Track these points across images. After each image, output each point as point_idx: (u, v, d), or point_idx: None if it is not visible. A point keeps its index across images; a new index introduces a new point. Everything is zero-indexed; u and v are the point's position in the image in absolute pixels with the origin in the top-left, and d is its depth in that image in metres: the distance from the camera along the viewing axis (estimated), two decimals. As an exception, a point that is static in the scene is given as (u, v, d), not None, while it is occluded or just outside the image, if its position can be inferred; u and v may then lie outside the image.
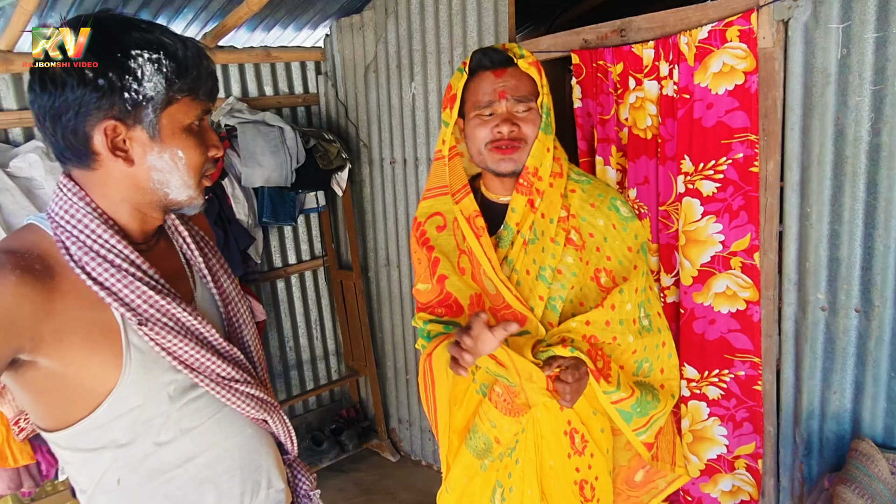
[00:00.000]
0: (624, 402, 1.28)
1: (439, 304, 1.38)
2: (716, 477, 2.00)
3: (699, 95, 1.80)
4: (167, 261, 1.01)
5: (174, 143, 0.88)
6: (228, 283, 1.10)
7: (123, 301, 0.88)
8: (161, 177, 0.89)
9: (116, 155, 0.86)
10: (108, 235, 0.88)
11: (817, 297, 1.75)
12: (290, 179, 2.76)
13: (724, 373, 1.93)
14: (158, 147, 0.87)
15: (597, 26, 2.08)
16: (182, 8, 2.56)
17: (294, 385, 3.38)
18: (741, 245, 1.83)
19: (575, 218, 1.32)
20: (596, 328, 1.27)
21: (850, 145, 1.62)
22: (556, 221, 1.30)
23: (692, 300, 1.91)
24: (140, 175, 0.88)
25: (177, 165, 0.89)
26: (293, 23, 3.03)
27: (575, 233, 1.32)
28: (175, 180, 0.90)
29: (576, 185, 1.35)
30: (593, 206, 1.33)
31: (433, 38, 2.67)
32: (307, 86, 3.21)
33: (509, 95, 1.26)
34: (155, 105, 0.85)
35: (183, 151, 0.89)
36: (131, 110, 0.84)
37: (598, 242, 1.32)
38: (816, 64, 1.64)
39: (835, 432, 1.78)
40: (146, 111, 0.85)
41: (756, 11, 1.69)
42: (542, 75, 1.29)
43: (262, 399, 1.04)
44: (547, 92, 1.29)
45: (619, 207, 1.35)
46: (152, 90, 0.84)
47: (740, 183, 1.80)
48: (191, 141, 0.89)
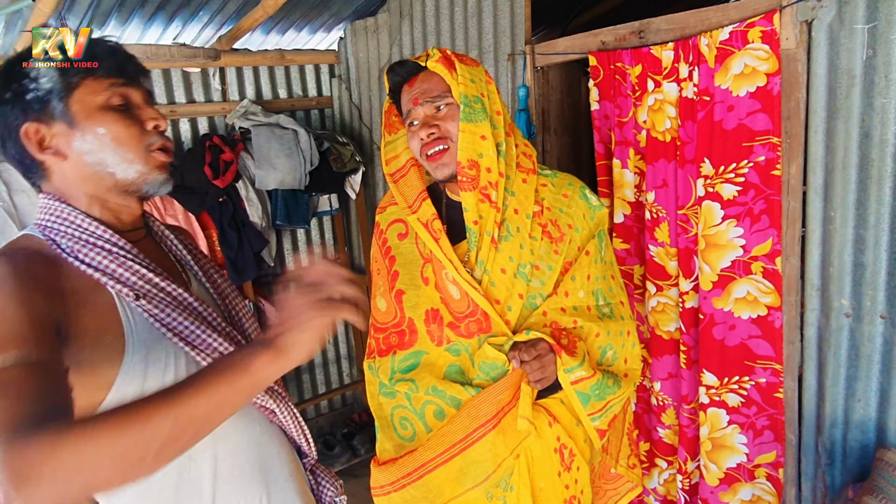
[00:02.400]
0: (584, 383, 1.24)
1: (394, 328, 1.32)
2: (735, 486, 1.97)
3: (720, 97, 1.77)
4: (157, 258, 1.03)
5: (92, 123, 0.90)
6: (222, 281, 1.12)
7: (118, 279, 0.90)
8: (94, 158, 0.92)
9: (46, 153, 0.91)
10: (93, 227, 0.92)
11: (841, 303, 1.71)
12: (304, 182, 2.76)
13: (744, 380, 1.89)
14: (79, 132, 0.90)
15: (615, 28, 2.06)
16: (197, 11, 2.56)
17: (306, 389, 3.37)
18: (762, 249, 1.80)
19: (550, 211, 1.32)
20: (554, 315, 1.27)
21: (876, 148, 1.58)
22: (531, 216, 1.29)
23: (712, 305, 1.88)
24: (77, 165, 0.92)
25: (103, 142, 0.91)
26: (307, 26, 3.04)
27: (552, 225, 1.31)
28: (111, 157, 0.92)
29: (546, 180, 1.37)
30: (566, 197, 1.35)
31: (448, 41, 2.66)
32: (321, 89, 3.21)
33: (422, 100, 1.25)
34: (57, 94, 0.89)
35: (105, 128, 0.91)
36: (41, 109, 0.89)
37: (572, 235, 1.32)
38: (841, 65, 1.61)
39: (859, 441, 1.74)
40: (52, 104, 0.89)
41: (779, 12, 1.66)
42: (451, 68, 1.24)
43: (269, 386, 1.01)
44: (462, 81, 1.23)
45: (589, 197, 1.38)
46: (49, 82, 0.89)
47: (762, 186, 1.77)
48: (110, 116, 0.92)
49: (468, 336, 1.26)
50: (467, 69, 1.26)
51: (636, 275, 2.19)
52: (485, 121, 1.23)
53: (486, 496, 1.26)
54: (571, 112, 2.67)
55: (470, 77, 1.24)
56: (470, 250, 1.28)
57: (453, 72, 1.24)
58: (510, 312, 1.25)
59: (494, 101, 1.29)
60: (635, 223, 2.15)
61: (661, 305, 2.08)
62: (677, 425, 2.14)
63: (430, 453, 1.21)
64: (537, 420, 1.25)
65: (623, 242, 2.19)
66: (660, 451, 2.22)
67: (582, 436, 1.35)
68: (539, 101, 2.42)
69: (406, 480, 1.24)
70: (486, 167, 1.24)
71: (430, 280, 1.30)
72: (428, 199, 1.33)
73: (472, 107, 1.22)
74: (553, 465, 1.29)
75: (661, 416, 2.17)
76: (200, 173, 2.52)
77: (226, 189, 2.59)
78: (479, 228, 1.26)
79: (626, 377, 1.36)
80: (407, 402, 1.29)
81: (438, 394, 1.24)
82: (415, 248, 1.33)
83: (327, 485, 1.15)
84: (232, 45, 2.76)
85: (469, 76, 1.24)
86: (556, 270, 1.28)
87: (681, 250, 1.97)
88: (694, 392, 2.04)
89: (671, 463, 2.21)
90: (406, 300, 1.30)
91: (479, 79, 1.27)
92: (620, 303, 1.39)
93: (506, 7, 2.43)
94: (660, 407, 2.16)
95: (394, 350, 1.32)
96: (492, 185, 1.25)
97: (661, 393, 2.15)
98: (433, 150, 1.25)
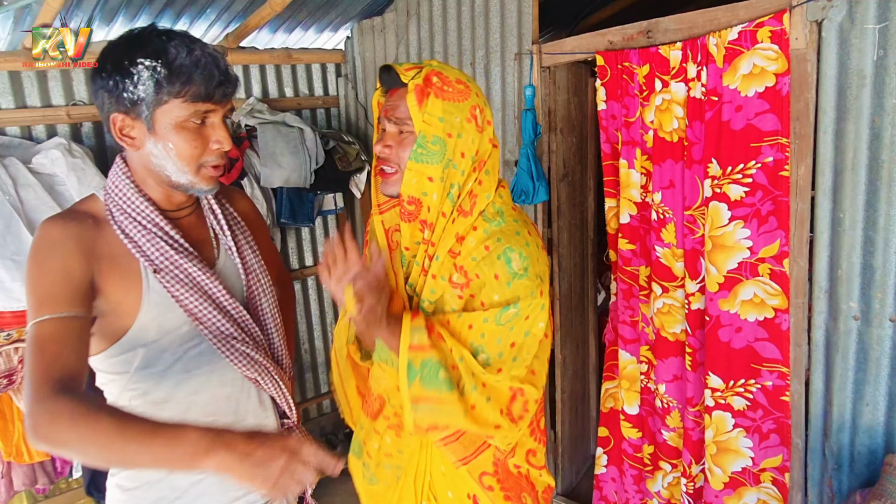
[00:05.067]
0: (418, 353, 1.15)
1: None
2: (740, 490, 1.94)
3: (728, 97, 1.76)
4: (195, 230, 1.20)
5: (166, 136, 1.05)
6: (252, 257, 1.26)
7: (145, 253, 1.09)
8: (158, 161, 1.08)
9: (124, 140, 1.07)
10: (141, 203, 1.10)
11: (849, 306, 1.69)
12: (309, 180, 2.75)
13: (750, 383, 1.88)
14: (154, 138, 1.06)
15: (622, 28, 2.05)
16: (205, 9, 2.57)
17: (308, 388, 3.36)
18: (770, 251, 1.78)
19: (462, 256, 1.22)
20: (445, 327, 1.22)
21: (887, 149, 1.57)
22: (441, 259, 1.23)
23: (718, 307, 1.86)
24: (145, 158, 1.08)
25: (168, 154, 1.06)
26: (314, 25, 3.04)
27: (458, 272, 1.22)
28: (170, 166, 1.07)
29: (482, 225, 1.24)
30: (487, 249, 1.21)
31: (455, 41, 2.66)
32: (327, 88, 3.21)
33: (390, 116, 1.22)
34: (148, 104, 1.03)
35: (174, 143, 1.06)
36: (130, 107, 1.03)
37: (481, 284, 1.21)
38: (851, 65, 1.60)
39: (867, 446, 1.72)
40: (141, 108, 1.03)
41: (788, 12, 1.65)
42: (423, 100, 1.18)
43: (255, 360, 1.19)
44: (427, 119, 1.16)
45: (512, 261, 1.20)
46: (144, 92, 1.02)
47: (770, 187, 1.75)
48: (183, 136, 1.05)
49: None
50: (442, 105, 1.17)
51: (642, 276, 2.18)
52: (438, 164, 1.18)
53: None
54: (578, 112, 2.66)
55: (440, 114, 1.17)
56: (404, 267, 1.29)
57: (423, 104, 1.18)
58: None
59: (466, 140, 1.20)
60: (641, 224, 2.14)
61: (666, 307, 2.06)
62: (682, 428, 2.12)
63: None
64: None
65: (629, 243, 2.18)
66: (664, 453, 2.20)
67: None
68: (545, 100, 2.41)
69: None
70: (427, 206, 1.21)
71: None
72: (397, 207, 1.30)
73: (426, 147, 1.17)
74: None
75: (665, 419, 2.15)
76: (206, 170, 2.52)
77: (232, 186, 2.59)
78: (410, 255, 1.26)
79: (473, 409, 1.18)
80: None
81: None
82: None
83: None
84: (239, 42, 2.76)
85: (440, 113, 1.17)
86: (457, 312, 1.23)
87: (687, 251, 1.96)
88: (699, 394, 2.03)
89: (675, 466, 2.19)
90: None
91: (454, 116, 1.18)
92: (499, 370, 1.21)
93: (513, 7, 2.42)
94: (664, 409, 2.15)
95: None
96: (429, 224, 1.22)
97: (665, 395, 2.13)
98: (382, 167, 1.25)
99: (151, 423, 0.88)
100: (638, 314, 2.22)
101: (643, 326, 2.20)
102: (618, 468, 2.44)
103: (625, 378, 2.30)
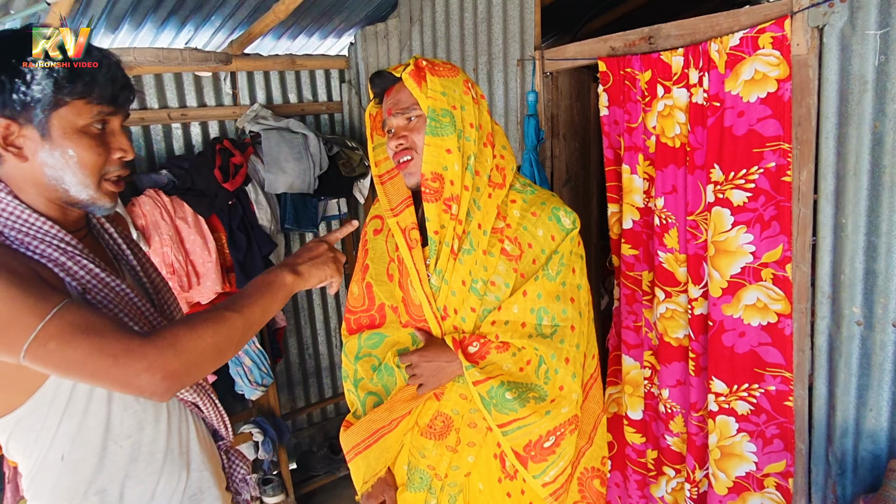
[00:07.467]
0: (481, 385, 1.25)
1: (364, 312, 1.44)
2: (744, 495, 1.94)
3: (730, 103, 1.76)
4: (97, 253, 1.07)
5: (65, 143, 0.93)
6: (157, 276, 1.20)
7: (68, 272, 0.94)
8: (54, 173, 0.94)
9: (9, 150, 0.93)
10: (40, 223, 0.96)
11: (852, 311, 1.69)
12: (313, 186, 2.77)
13: (753, 387, 1.88)
14: (49, 145, 0.93)
15: (624, 34, 2.06)
16: (210, 15, 2.59)
17: (313, 393, 3.37)
18: (773, 256, 1.78)
19: (512, 228, 1.31)
20: (486, 328, 1.30)
21: (889, 154, 1.57)
22: (489, 233, 1.29)
23: (721, 312, 1.86)
24: (35, 171, 0.94)
25: (68, 164, 0.94)
26: (318, 31, 3.06)
27: (510, 243, 1.30)
28: (69, 178, 0.95)
29: (518, 195, 1.35)
30: (534, 215, 1.33)
31: (458, 46, 2.67)
32: (331, 94, 3.23)
33: (394, 111, 1.29)
34: (43, 106, 0.90)
35: (74, 151, 0.94)
36: (20, 110, 0.90)
37: (536, 254, 1.30)
38: (853, 71, 1.60)
39: (870, 451, 1.72)
40: (35, 111, 0.91)
41: (790, 18, 1.65)
42: (422, 81, 1.26)
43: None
44: (431, 95, 1.25)
45: (561, 218, 1.35)
46: (39, 93, 0.90)
47: (772, 193, 1.76)
48: (84, 142, 0.94)
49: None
50: (440, 81, 1.26)
51: (645, 281, 2.18)
52: (452, 134, 1.25)
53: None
54: (580, 117, 2.67)
55: (441, 90, 1.25)
56: (430, 257, 1.31)
57: (423, 84, 1.26)
58: (464, 323, 1.31)
59: (470, 112, 1.28)
60: (644, 229, 2.14)
61: (669, 312, 2.07)
62: (685, 433, 2.12)
63: (357, 437, 1.36)
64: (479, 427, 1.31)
65: (632, 248, 2.18)
66: (668, 458, 2.20)
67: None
68: (548, 106, 2.42)
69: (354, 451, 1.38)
70: (449, 180, 1.26)
71: (395, 277, 1.38)
72: (411, 206, 1.36)
73: (438, 120, 1.24)
74: (492, 471, 1.33)
75: (669, 424, 2.15)
76: (210, 176, 2.53)
77: (235, 192, 2.61)
78: (439, 238, 1.28)
79: (553, 402, 1.29)
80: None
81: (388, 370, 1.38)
82: (384, 246, 1.42)
83: (239, 464, 1.26)
84: (243, 49, 2.78)
85: (440, 89, 1.25)
86: (512, 287, 1.30)
87: (690, 256, 1.96)
88: (703, 399, 2.03)
89: (679, 471, 2.19)
90: (376, 291, 1.41)
91: (453, 90, 1.27)
92: (571, 327, 1.32)
93: (515, 13, 2.43)
94: (668, 414, 2.14)
95: (363, 329, 1.45)
96: (454, 197, 1.27)
97: (669, 400, 2.13)
98: (401, 159, 1.30)
99: (239, 292, 1.00)
100: (641, 319, 2.23)
101: (646, 331, 2.20)
102: (621, 473, 2.44)
103: (628, 383, 2.30)
